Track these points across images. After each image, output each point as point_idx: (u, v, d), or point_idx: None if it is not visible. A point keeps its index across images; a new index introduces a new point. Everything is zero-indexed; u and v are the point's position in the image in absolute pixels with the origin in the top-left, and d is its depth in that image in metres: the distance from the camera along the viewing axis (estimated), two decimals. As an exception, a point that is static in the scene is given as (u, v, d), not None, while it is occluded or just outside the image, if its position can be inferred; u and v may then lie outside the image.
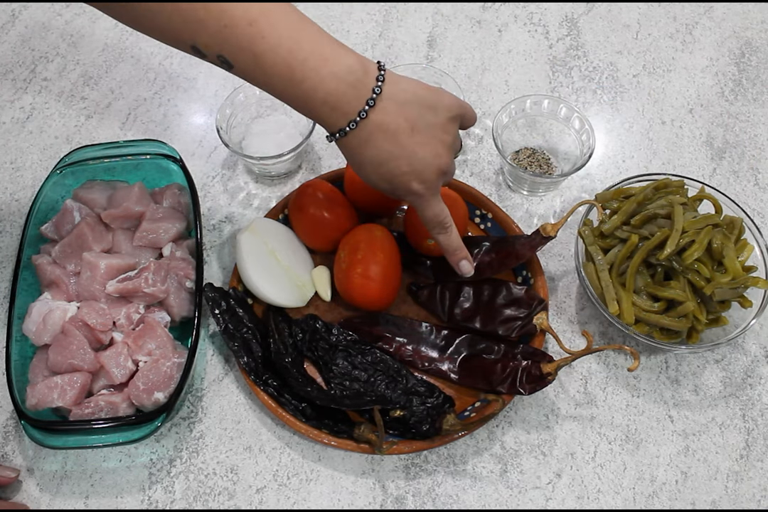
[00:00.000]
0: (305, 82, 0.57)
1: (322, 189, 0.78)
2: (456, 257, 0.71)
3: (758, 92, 0.95)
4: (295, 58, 0.56)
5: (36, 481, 0.71)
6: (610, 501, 0.71)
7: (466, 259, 0.71)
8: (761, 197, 0.87)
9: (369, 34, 0.99)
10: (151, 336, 0.72)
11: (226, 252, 0.83)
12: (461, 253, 0.70)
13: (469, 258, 0.71)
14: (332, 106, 0.58)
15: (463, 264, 0.71)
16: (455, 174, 0.87)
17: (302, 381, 0.71)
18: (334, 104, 0.58)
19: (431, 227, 0.67)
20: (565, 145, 0.87)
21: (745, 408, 0.75)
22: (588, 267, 0.75)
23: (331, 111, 0.58)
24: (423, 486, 0.71)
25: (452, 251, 0.70)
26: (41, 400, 0.69)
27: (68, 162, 0.80)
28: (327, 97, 0.57)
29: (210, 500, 0.70)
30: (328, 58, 0.57)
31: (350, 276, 0.74)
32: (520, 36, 0.99)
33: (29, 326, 0.72)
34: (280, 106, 0.89)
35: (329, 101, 0.57)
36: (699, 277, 0.71)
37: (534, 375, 0.69)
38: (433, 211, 0.65)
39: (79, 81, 0.95)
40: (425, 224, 0.67)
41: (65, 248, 0.76)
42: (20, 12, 1.01)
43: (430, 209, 0.65)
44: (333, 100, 0.57)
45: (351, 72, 0.57)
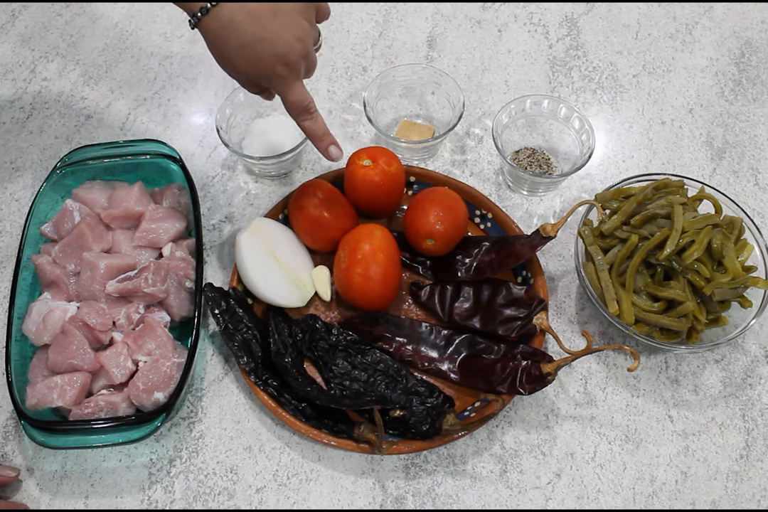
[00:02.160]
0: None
1: (322, 189, 0.78)
2: (324, 142, 0.71)
3: (758, 92, 0.95)
4: None
5: (36, 481, 0.71)
6: (610, 501, 0.71)
7: (333, 144, 0.72)
8: (761, 197, 0.87)
9: (369, 34, 0.99)
10: (151, 336, 0.72)
11: (226, 252, 0.83)
12: (328, 138, 0.71)
13: (336, 143, 0.72)
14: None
15: (332, 150, 0.72)
16: (456, 174, 0.88)
17: (302, 381, 0.71)
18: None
19: (297, 113, 0.69)
20: (565, 145, 0.87)
21: (745, 408, 0.75)
22: (588, 267, 0.75)
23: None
24: (423, 486, 0.71)
25: (319, 136, 0.71)
26: (41, 400, 0.69)
27: (68, 162, 0.80)
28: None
29: (210, 500, 0.70)
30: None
31: (350, 276, 0.74)
32: (520, 36, 0.99)
33: (29, 326, 0.72)
34: (279, 106, 0.88)
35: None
36: (699, 277, 0.71)
37: (534, 375, 0.69)
38: (298, 95, 0.67)
39: (79, 81, 0.95)
40: (290, 111, 0.68)
41: (65, 248, 0.76)
42: (20, 12, 1.01)
43: (295, 93, 0.67)
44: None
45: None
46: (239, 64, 0.64)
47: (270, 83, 0.66)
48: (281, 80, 0.65)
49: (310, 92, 0.85)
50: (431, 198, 0.78)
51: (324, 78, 0.95)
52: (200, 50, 0.97)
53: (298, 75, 0.66)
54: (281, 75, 0.64)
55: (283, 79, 0.65)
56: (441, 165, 0.89)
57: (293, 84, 0.66)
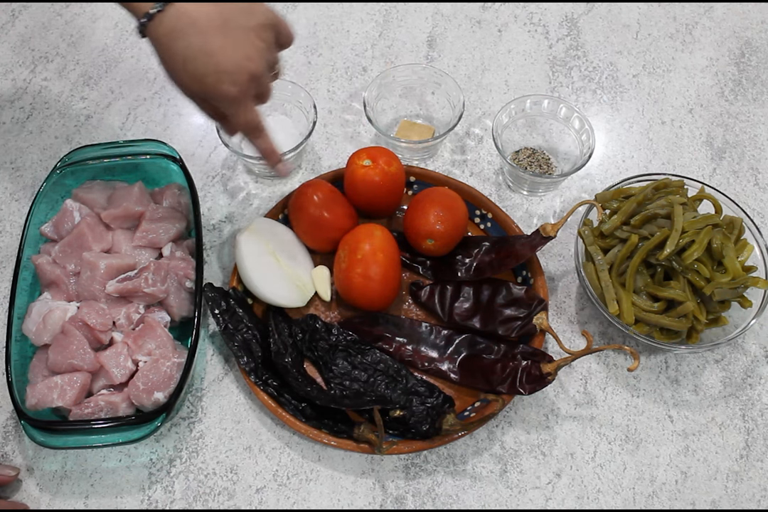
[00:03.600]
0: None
1: (322, 189, 0.78)
2: (272, 160, 0.71)
3: (758, 92, 0.95)
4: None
5: (36, 481, 0.71)
6: (610, 501, 0.71)
7: (281, 162, 0.72)
8: (761, 197, 0.87)
9: (369, 34, 0.99)
10: (151, 336, 0.72)
11: (226, 252, 0.83)
12: (276, 157, 0.71)
13: (283, 159, 0.72)
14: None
15: (279, 167, 0.72)
16: (456, 174, 0.88)
17: (302, 381, 0.71)
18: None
19: (247, 132, 0.67)
20: (565, 145, 0.87)
21: (745, 408, 0.75)
22: (588, 267, 0.75)
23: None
24: (423, 486, 0.71)
25: (269, 154, 0.70)
26: (41, 400, 0.69)
27: (68, 162, 0.80)
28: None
29: (210, 500, 0.70)
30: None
31: (350, 276, 0.74)
32: (520, 36, 0.99)
33: (29, 326, 0.72)
34: (280, 106, 0.89)
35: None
36: (699, 277, 0.71)
37: (534, 375, 0.69)
38: (247, 116, 0.65)
39: (79, 81, 0.95)
40: (240, 130, 0.67)
41: (65, 248, 0.76)
42: (20, 12, 1.01)
43: (244, 114, 0.65)
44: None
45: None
46: (183, 77, 0.61)
47: (216, 102, 0.63)
48: (229, 100, 0.62)
49: (311, 93, 0.86)
50: (431, 198, 0.78)
51: (324, 78, 0.95)
52: (200, 50, 0.97)
53: (246, 95, 0.63)
54: (228, 93, 0.61)
55: (231, 99, 0.62)
56: (441, 165, 0.89)
57: (243, 104, 0.63)
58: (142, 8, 0.58)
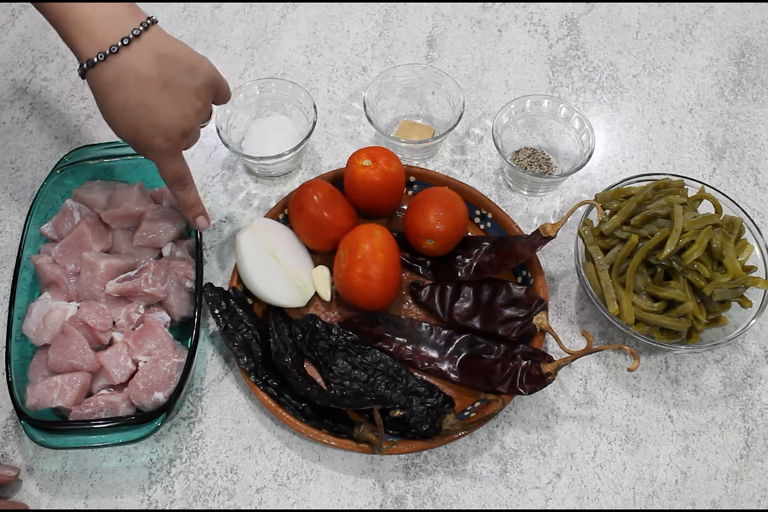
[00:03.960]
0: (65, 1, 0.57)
1: (322, 189, 0.78)
2: (193, 213, 0.72)
3: (758, 92, 0.95)
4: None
5: (36, 481, 0.71)
6: (610, 501, 0.71)
7: (202, 215, 0.73)
8: (761, 197, 0.87)
9: (369, 34, 0.99)
10: (151, 336, 0.72)
11: (226, 252, 0.83)
12: (198, 209, 0.72)
13: (206, 214, 0.73)
14: (84, 31, 0.58)
15: (200, 220, 0.73)
16: (456, 174, 0.88)
17: (302, 381, 0.71)
18: (86, 29, 0.58)
19: (171, 183, 0.69)
20: (565, 145, 0.87)
21: (745, 408, 0.75)
22: (588, 267, 0.75)
23: (83, 36, 0.58)
24: (423, 486, 0.71)
25: (189, 207, 0.71)
26: (41, 400, 0.69)
27: (68, 162, 0.80)
28: (81, 20, 0.58)
29: (210, 500, 0.70)
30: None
31: (350, 276, 0.74)
32: (520, 36, 0.99)
33: (29, 326, 0.72)
34: (280, 106, 0.89)
35: (82, 25, 0.58)
36: (699, 277, 0.71)
37: (534, 375, 0.69)
38: (173, 168, 0.67)
39: (79, 81, 0.95)
40: (165, 181, 0.69)
41: (65, 248, 0.76)
42: (20, 12, 1.01)
43: (171, 166, 0.67)
44: (86, 26, 0.58)
45: (114, 7, 0.58)
46: (118, 124, 0.62)
47: (145, 153, 0.65)
48: (158, 152, 0.65)
49: (311, 93, 0.86)
50: (431, 198, 0.78)
51: (324, 78, 0.95)
52: (200, 50, 0.97)
53: (176, 149, 0.65)
54: (159, 147, 0.64)
55: (160, 152, 0.64)
56: (441, 165, 0.89)
57: (171, 157, 0.66)
58: (86, 54, 0.59)
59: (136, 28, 0.58)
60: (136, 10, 0.60)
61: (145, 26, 0.59)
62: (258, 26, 0.99)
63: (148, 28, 0.59)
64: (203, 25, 0.99)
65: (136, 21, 0.59)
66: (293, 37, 0.98)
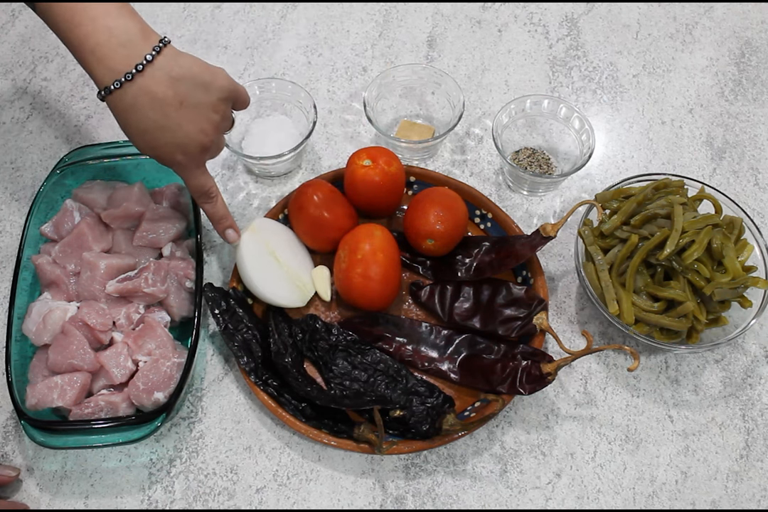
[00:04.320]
0: (81, 27, 0.59)
1: (322, 189, 0.78)
2: (222, 226, 0.73)
3: (758, 92, 0.95)
4: (81, 6, 0.59)
5: (36, 481, 0.71)
6: (610, 501, 0.71)
7: (231, 228, 0.74)
8: (761, 197, 0.87)
9: (369, 34, 0.99)
10: (151, 336, 0.72)
11: (226, 252, 0.83)
12: (226, 222, 0.73)
13: (235, 226, 0.74)
14: (99, 59, 0.59)
15: (229, 233, 0.74)
16: (456, 174, 0.88)
17: (302, 381, 0.71)
18: (101, 57, 0.59)
19: (196, 197, 0.71)
20: (565, 145, 0.87)
21: (745, 408, 0.75)
22: (588, 267, 0.75)
23: (98, 63, 0.59)
24: (423, 486, 0.71)
25: (218, 220, 0.73)
26: (41, 400, 0.69)
27: (68, 162, 0.80)
28: (96, 47, 0.59)
29: (210, 500, 0.70)
30: (111, 14, 0.59)
31: (350, 276, 0.74)
32: (520, 36, 0.99)
33: (29, 326, 0.72)
34: (280, 106, 0.89)
35: (97, 53, 0.59)
36: (699, 277, 0.71)
37: (534, 375, 0.69)
38: (198, 181, 0.69)
39: (79, 81, 0.95)
40: (191, 194, 0.71)
41: (65, 248, 0.76)
42: (20, 12, 1.01)
43: (195, 180, 0.69)
44: (101, 53, 0.59)
45: (126, 32, 0.59)
46: (139, 145, 0.64)
47: (170, 167, 0.67)
48: (180, 167, 0.67)
49: (311, 93, 0.86)
50: (431, 198, 0.78)
51: (324, 78, 0.95)
52: (200, 50, 0.97)
53: (198, 163, 0.67)
54: (180, 162, 0.66)
55: (183, 167, 0.66)
56: (441, 165, 0.89)
57: (193, 171, 0.68)
58: (103, 81, 0.60)
59: (148, 53, 0.60)
60: (148, 34, 0.61)
61: (157, 50, 0.60)
62: (258, 26, 0.99)
63: (160, 51, 0.60)
64: (203, 25, 0.99)
65: (148, 46, 0.60)
66: (293, 37, 0.98)
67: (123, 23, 0.59)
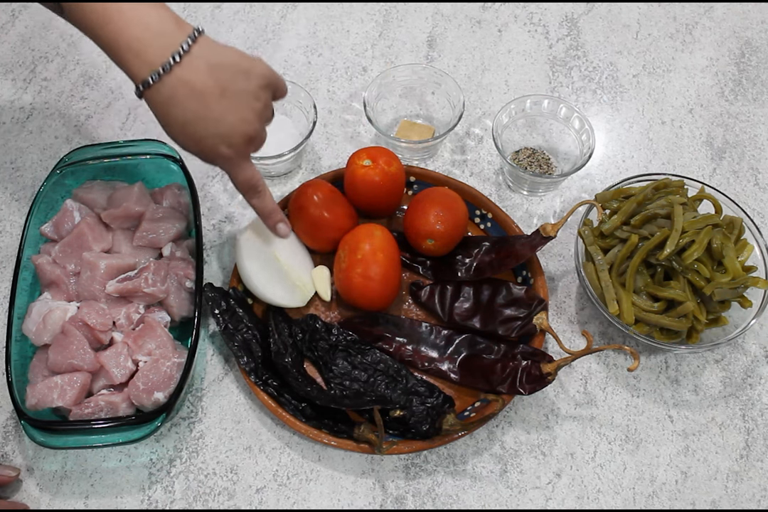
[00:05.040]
0: (112, 23, 0.57)
1: (322, 189, 0.78)
2: (272, 220, 0.72)
3: (758, 92, 0.95)
4: (112, 4, 0.57)
5: (36, 481, 0.71)
6: (610, 501, 0.71)
7: (282, 222, 0.72)
8: (761, 197, 0.87)
9: (369, 34, 0.99)
10: (151, 336, 0.72)
11: (226, 252, 0.83)
12: (277, 216, 0.72)
13: (286, 221, 0.73)
14: (136, 53, 0.58)
15: (281, 227, 0.73)
16: (456, 174, 0.88)
17: (302, 381, 0.71)
18: (138, 51, 0.57)
19: (244, 191, 0.68)
20: (565, 145, 0.87)
21: (745, 408, 0.75)
22: (588, 267, 0.75)
23: (135, 58, 0.58)
24: (423, 486, 0.71)
25: (268, 214, 0.71)
26: (41, 400, 0.69)
27: (68, 162, 0.80)
28: (132, 42, 0.57)
29: (210, 500, 0.70)
30: (142, 7, 0.58)
31: (350, 276, 0.74)
32: (520, 36, 0.99)
33: (29, 326, 0.72)
34: (280, 106, 0.89)
35: (133, 47, 0.57)
36: (699, 277, 0.71)
37: (534, 375, 0.69)
38: (245, 175, 0.66)
39: (79, 81, 0.95)
40: (238, 189, 0.68)
41: (65, 248, 0.76)
42: (20, 12, 1.01)
43: (242, 173, 0.66)
44: (137, 47, 0.57)
45: (161, 23, 0.58)
46: (181, 139, 0.62)
47: (214, 162, 0.65)
48: (225, 160, 0.64)
49: (311, 93, 0.86)
50: (431, 198, 0.78)
51: (324, 78, 0.95)
52: (200, 50, 0.97)
53: (243, 155, 0.65)
54: (225, 155, 0.63)
55: (228, 159, 0.64)
56: (441, 165, 0.89)
57: (239, 164, 0.65)
58: (140, 76, 0.58)
59: (184, 42, 0.58)
60: (182, 24, 0.59)
61: (192, 39, 0.58)
62: (258, 26, 0.99)
63: (195, 40, 0.59)
64: (203, 25, 0.99)
65: (183, 35, 0.58)
66: (293, 37, 0.98)
67: (156, 14, 0.58)
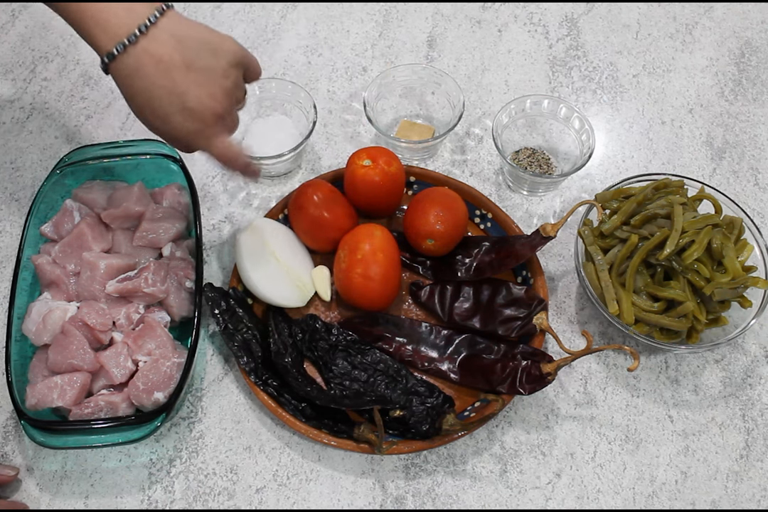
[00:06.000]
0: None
1: (322, 189, 0.78)
2: (250, 174, 0.68)
3: (758, 92, 0.95)
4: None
5: (36, 481, 0.71)
6: (610, 501, 0.71)
7: (250, 165, 0.67)
8: (761, 197, 0.87)
9: (369, 34, 0.99)
10: (151, 336, 0.72)
11: (226, 252, 0.83)
12: (251, 169, 0.67)
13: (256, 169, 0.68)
14: (104, 27, 0.57)
15: (251, 170, 0.67)
16: (456, 174, 0.88)
17: (302, 381, 0.71)
18: (104, 24, 0.57)
19: (226, 164, 0.65)
20: (565, 145, 0.87)
21: (745, 408, 0.75)
22: (588, 267, 0.75)
23: (102, 32, 0.57)
24: (423, 486, 0.71)
25: (244, 170, 0.67)
26: (41, 400, 0.69)
27: (68, 162, 0.80)
28: (97, 13, 0.57)
29: (210, 500, 0.70)
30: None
31: (350, 276, 0.74)
32: (520, 36, 0.99)
33: (29, 326, 0.72)
34: (280, 106, 0.89)
35: (99, 20, 0.57)
36: (699, 277, 0.71)
37: (534, 375, 0.69)
38: (221, 148, 0.63)
39: (79, 81, 0.95)
40: (220, 163, 0.65)
41: (65, 248, 0.76)
42: (20, 12, 1.01)
43: (217, 148, 0.63)
44: (103, 19, 0.57)
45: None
46: (148, 116, 0.60)
47: (186, 142, 0.62)
48: (196, 135, 0.61)
49: (311, 93, 0.86)
50: (431, 198, 0.78)
51: (324, 78, 0.95)
52: (200, 50, 0.97)
53: (214, 132, 0.62)
54: (194, 131, 0.61)
55: (198, 135, 0.61)
56: (441, 165, 0.89)
57: (211, 139, 0.62)
58: (105, 48, 0.57)
59: (152, 15, 0.57)
60: (153, 2, 0.58)
61: (160, 12, 0.58)
62: (258, 26, 0.99)
63: (164, 13, 0.58)
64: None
65: (151, 8, 0.58)
66: (293, 37, 0.98)
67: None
